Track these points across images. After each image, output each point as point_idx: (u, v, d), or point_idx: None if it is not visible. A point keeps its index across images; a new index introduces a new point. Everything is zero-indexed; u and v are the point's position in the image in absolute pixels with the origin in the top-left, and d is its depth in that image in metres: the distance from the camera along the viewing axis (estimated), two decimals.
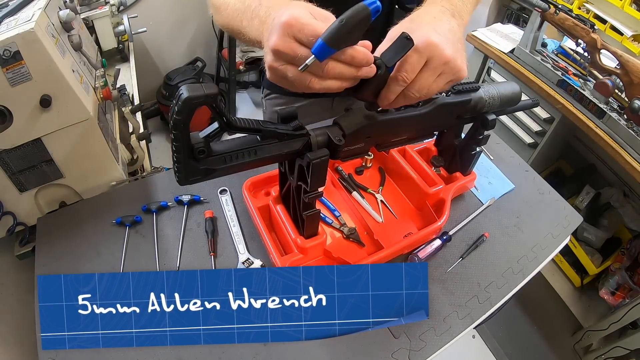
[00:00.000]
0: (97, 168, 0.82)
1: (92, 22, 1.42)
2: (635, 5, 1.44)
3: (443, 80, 0.50)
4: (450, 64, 0.48)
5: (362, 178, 0.88)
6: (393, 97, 0.49)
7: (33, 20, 0.64)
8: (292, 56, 0.44)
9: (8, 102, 0.65)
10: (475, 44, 1.70)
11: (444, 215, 0.75)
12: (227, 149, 0.51)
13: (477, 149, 0.76)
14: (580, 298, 1.70)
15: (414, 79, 0.48)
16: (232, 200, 0.81)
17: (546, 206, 0.87)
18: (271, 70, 0.47)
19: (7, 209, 0.76)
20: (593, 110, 1.35)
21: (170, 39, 2.31)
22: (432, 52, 0.47)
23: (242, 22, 0.59)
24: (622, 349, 1.40)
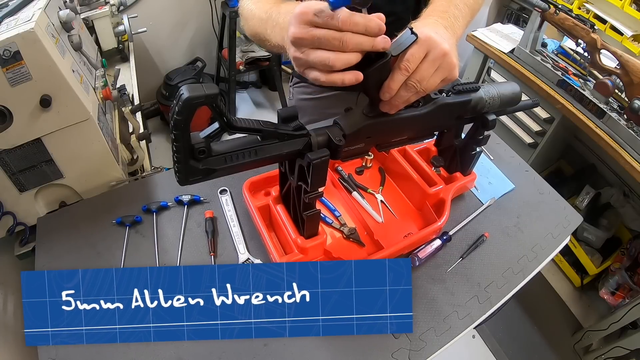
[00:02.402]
0: (97, 168, 0.82)
1: (92, 22, 1.42)
2: (635, 5, 1.44)
3: (439, 75, 0.53)
4: (447, 58, 0.52)
5: (362, 178, 0.88)
6: (396, 86, 0.52)
7: (33, 20, 0.64)
8: (311, 39, 0.47)
9: (8, 102, 0.65)
10: (475, 44, 1.70)
11: (444, 215, 0.75)
12: (227, 149, 0.51)
13: (477, 149, 0.76)
14: (580, 298, 1.70)
15: (415, 70, 0.51)
16: (232, 200, 0.81)
17: (546, 206, 0.87)
18: (296, 62, 0.50)
19: (7, 209, 0.76)
20: (593, 110, 1.34)
21: (170, 39, 2.31)
22: (431, 45, 0.51)
23: (266, 30, 0.66)
24: (622, 349, 1.40)
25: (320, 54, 0.47)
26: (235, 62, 2.25)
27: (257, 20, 0.69)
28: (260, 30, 0.68)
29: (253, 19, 0.70)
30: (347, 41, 0.46)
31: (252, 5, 0.72)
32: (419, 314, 0.68)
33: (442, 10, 0.63)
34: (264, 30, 0.67)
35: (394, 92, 0.52)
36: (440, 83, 0.54)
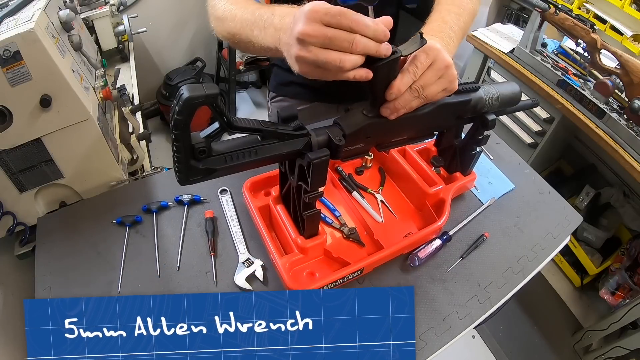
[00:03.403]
0: (97, 168, 0.82)
1: (92, 22, 1.42)
2: (635, 5, 1.44)
3: (441, 84, 0.56)
4: (450, 69, 0.55)
5: (362, 178, 0.88)
6: (404, 88, 0.54)
7: (33, 20, 0.64)
8: (322, 38, 0.47)
9: (8, 102, 0.65)
10: (475, 44, 1.70)
11: (444, 215, 0.75)
12: (227, 149, 0.51)
13: (477, 149, 0.76)
14: (580, 298, 1.70)
15: (420, 76, 0.54)
16: (232, 200, 0.81)
17: (546, 206, 0.87)
18: (300, 61, 0.50)
19: (7, 209, 0.76)
20: (593, 110, 1.34)
21: (170, 39, 2.31)
22: (437, 56, 0.54)
23: (252, 32, 0.63)
24: (622, 349, 1.40)
25: (332, 53, 0.47)
26: (235, 62, 2.25)
27: (240, 21, 0.66)
28: (243, 31, 0.66)
29: (233, 20, 0.67)
30: (356, 43, 0.47)
31: (230, 5, 0.70)
32: (419, 314, 0.68)
33: (438, 30, 0.67)
34: (249, 32, 0.64)
35: (400, 93, 0.54)
36: (441, 92, 0.57)
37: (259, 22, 0.62)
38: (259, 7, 0.65)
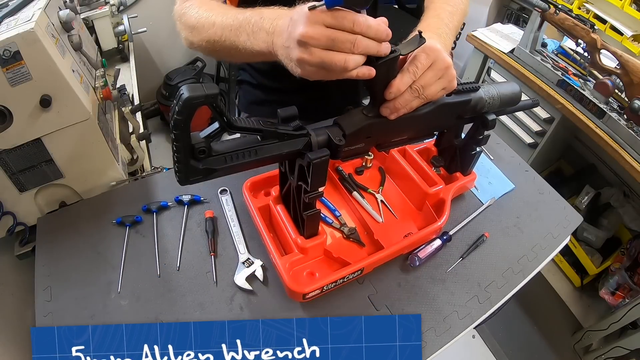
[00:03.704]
0: (97, 168, 0.82)
1: (92, 22, 1.42)
2: (635, 5, 1.44)
3: (441, 84, 0.56)
4: (449, 70, 0.56)
5: (362, 178, 0.88)
6: (403, 87, 0.54)
7: (33, 20, 0.64)
8: (325, 39, 0.47)
9: (8, 102, 0.65)
10: (475, 44, 1.70)
11: (444, 215, 0.75)
12: (227, 148, 0.51)
13: (477, 149, 0.76)
14: (580, 298, 1.70)
15: (420, 76, 0.54)
16: (232, 200, 0.81)
17: (546, 206, 0.87)
18: (302, 63, 0.50)
19: (7, 209, 0.76)
20: (593, 110, 1.34)
21: (170, 39, 2.31)
22: (437, 56, 0.55)
23: (238, 37, 0.60)
24: (622, 349, 1.40)
25: (337, 55, 0.48)
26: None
27: (220, 27, 0.62)
28: (225, 38, 0.62)
29: (212, 26, 0.63)
30: (358, 43, 0.47)
31: (205, 12, 0.66)
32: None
33: (435, 27, 0.67)
34: (234, 38, 0.60)
35: (400, 92, 0.54)
36: (440, 92, 0.57)
37: (245, 26, 0.58)
38: (241, 11, 0.61)
